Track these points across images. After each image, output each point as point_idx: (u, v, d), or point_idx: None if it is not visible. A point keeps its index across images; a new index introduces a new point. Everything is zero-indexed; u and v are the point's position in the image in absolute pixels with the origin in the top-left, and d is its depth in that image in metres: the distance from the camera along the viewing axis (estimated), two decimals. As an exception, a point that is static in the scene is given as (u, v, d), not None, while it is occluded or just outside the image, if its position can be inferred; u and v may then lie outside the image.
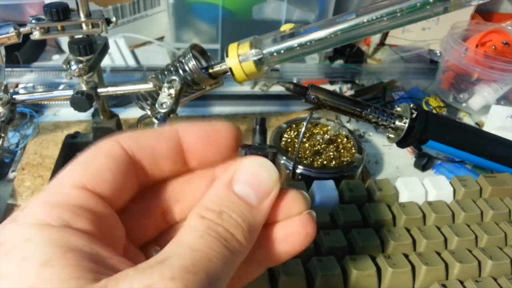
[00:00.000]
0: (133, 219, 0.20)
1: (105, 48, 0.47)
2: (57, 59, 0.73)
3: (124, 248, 0.19)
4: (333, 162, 0.47)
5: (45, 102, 0.58)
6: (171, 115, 0.40)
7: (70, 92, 0.45)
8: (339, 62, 0.74)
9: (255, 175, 0.19)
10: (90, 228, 0.17)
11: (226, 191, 0.18)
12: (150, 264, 0.15)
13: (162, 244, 0.21)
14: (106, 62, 0.68)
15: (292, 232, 0.20)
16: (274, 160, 0.20)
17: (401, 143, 0.42)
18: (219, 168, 0.21)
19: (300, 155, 0.47)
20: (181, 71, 0.42)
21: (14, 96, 0.45)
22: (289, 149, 0.48)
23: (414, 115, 0.41)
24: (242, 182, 0.19)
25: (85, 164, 0.18)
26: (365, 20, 0.36)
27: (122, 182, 0.19)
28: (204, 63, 0.44)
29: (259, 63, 0.38)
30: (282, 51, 0.38)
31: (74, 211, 0.17)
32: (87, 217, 0.17)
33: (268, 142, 0.49)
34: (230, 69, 0.39)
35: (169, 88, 0.41)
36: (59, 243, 0.15)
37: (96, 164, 0.18)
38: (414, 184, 0.41)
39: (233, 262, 0.17)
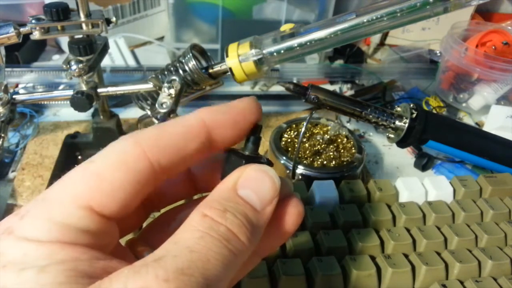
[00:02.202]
0: None
1: (105, 48, 0.47)
2: (57, 59, 0.73)
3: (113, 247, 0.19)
4: (333, 162, 0.47)
5: (45, 102, 0.58)
6: (171, 115, 0.40)
7: (70, 92, 0.45)
8: (339, 62, 0.74)
9: (260, 182, 0.19)
10: (88, 245, 0.16)
11: (231, 193, 0.18)
12: (146, 262, 0.15)
13: (151, 241, 0.21)
14: (106, 62, 0.68)
15: (289, 213, 0.20)
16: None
17: (401, 143, 0.42)
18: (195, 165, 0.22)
19: (300, 155, 0.47)
20: (181, 71, 0.42)
21: (14, 96, 0.45)
22: (289, 149, 0.48)
23: (414, 115, 0.41)
24: (247, 187, 0.19)
25: (98, 179, 0.17)
26: (365, 20, 0.36)
27: (134, 198, 0.17)
28: (204, 63, 0.44)
29: (259, 63, 0.38)
30: (282, 51, 0.38)
31: (75, 235, 0.16)
32: (86, 238, 0.16)
33: (269, 142, 0.49)
34: (230, 69, 0.39)
35: (169, 88, 0.41)
36: (55, 256, 0.15)
37: (111, 181, 0.17)
38: (414, 184, 0.41)
39: (233, 263, 0.17)
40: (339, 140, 0.50)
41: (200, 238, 0.16)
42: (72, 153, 0.53)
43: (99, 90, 0.46)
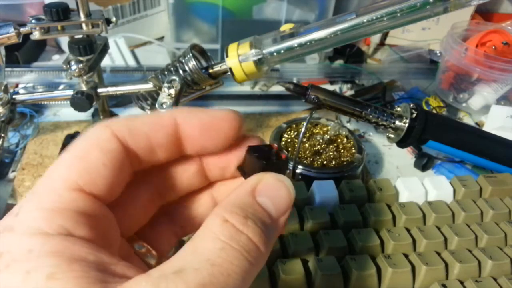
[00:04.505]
0: (122, 209, 0.20)
1: (105, 48, 0.47)
2: (57, 59, 0.73)
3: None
4: (333, 162, 0.47)
5: (45, 102, 0.58)
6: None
7: (70, 92, 0.45)
8: (339, 62, 0.74)
9: (277, 191, 0.19)
10: (90, 235, 0.16)
11: (250, 199, 0.18)
12: (164, 273, 0.15)
13: (146, 235, 0.21)
14: (106, 62, 0.68)
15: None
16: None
17: (401, 143, 0.42)
18: (210, 156, 0.21)
19: (300, 155, 0.47)
20: (181, 71, 0.42)
21: (14, 96, 0.45)
22: (289, 149, 0.48)
23: (414, 115, 0.41)
24: (265, 195, 0.18)
25: (80, 161, 0.17)
26: (365, 20, 0.36)
27: (117, 177, 0.18)
28: (204, 63, 0.44)
29: (259, 63, 0.38)
30: (282, 51, 0.38)
31: (73, 218, 0.16)
32: (86, 223, 0.16)
33: (269, 142, 0.49)
34: (230, 69, 0.39)
35: (169, 88, 0.41)
36: (62, 254, 0.15)
37: (91, 160, 0.17)
38: (414, 184, 0.41)
39: (252, 274, 0.16)
40: (339, 140, 0.50)
41: (221, 250, 0.16)
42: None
43: (99, 90, 0.46)
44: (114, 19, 0.44)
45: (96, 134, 0.18)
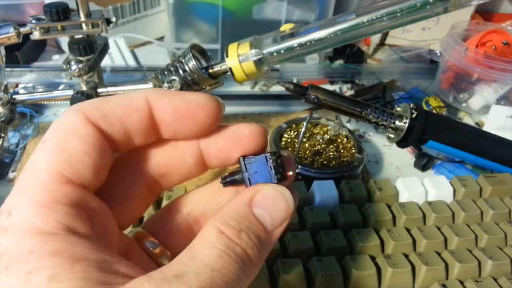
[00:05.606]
0: (117, 201, 0.19)
1: (105, 48, 0.47)
2: (57, 59, 0.73)
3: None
4: (333, 162, 0.47)
5: (45, 102, 0.58)
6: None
7: (70, 92, 0.45)
8: (339, 62, 0.74)
9: (275, 203, 0.19)
10: (89, 230, 0.16)
11: (246, 211, 0.18)
12: (166, 276, 0.15)
13: (155, 231, 0.21)
14: (106, 62, 0.68)
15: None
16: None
17: (401, 143, 0.42)
18: (203, 142, 0.20)
19: (300, 155, 0.47)
20: (181, 71, 0.42)
21: (14, 96, 0.45)
22: (289, 149, 0.48)
23: (414, 115, 0.41)
24: (262, 207, 0.18)
25: (60, 151, 0.16)
26: (365, 20, 0.36)
27: (100, 163, 0.17)
28: (204, 63, 0.44)
29: (259, 63, 0.38)
30: (282, 51, 0.38)
31: (69, 213, 0.15)
32: (83, 217, 0.16)
33: (269, 142, 0.49)
34: (230, 69, 0.39)
35: (169, 88, 0.41)
36: (64, 254, 0.14)
37: (72, 150, 0.17)
38: (414, 184, 0.41)
39: (244, 284, 0.17)
40: (339, 140, 0.50)
41: (219, 257, 0.16)
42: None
43: (99, 90, 0.46)
44: (114, 19, 0.44)
45: (69, 121, 0.17)
